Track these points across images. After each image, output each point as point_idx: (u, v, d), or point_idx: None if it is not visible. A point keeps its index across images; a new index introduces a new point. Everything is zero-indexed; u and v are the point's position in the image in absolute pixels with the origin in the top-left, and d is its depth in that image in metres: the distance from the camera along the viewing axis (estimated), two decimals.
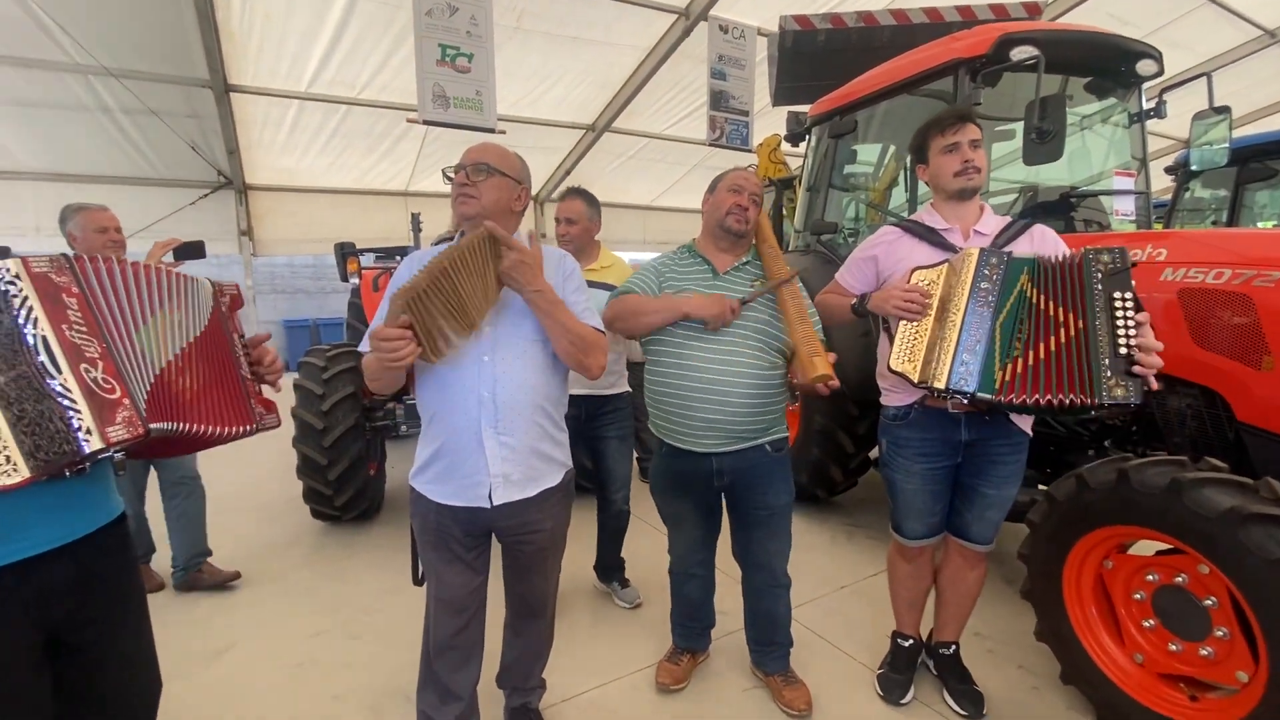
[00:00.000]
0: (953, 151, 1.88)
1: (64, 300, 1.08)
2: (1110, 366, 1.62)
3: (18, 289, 1.03)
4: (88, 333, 1.09)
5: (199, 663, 2.43)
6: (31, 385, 1.02)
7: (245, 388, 1.36)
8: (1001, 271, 1.77)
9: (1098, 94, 2.96)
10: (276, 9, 5.55)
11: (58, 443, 1.03)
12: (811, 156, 3.83)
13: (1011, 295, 1.75)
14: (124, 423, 1.07)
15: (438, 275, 1.44)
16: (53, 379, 1.03)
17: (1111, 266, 1.67)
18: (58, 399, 1.03)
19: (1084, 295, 1.68)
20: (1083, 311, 1.68)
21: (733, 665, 2.38)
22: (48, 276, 1.07)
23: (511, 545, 1.76)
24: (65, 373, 1.04)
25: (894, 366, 1.83)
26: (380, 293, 4.28)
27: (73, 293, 1.09)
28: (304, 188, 8.38)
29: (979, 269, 1.78)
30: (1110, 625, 1.98)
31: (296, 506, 3.69)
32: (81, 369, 1.06)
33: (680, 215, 10.91)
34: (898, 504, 2.10)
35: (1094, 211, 2.86)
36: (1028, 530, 2.10)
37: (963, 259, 1.81)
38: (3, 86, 5.70)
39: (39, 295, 1.05)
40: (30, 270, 1.05)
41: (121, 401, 1.08)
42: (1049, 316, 1.72)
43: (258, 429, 1.35)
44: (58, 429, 1.03)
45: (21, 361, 1.02)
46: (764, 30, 6.67)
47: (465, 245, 1.49)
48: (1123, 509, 1.83)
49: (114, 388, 1.08)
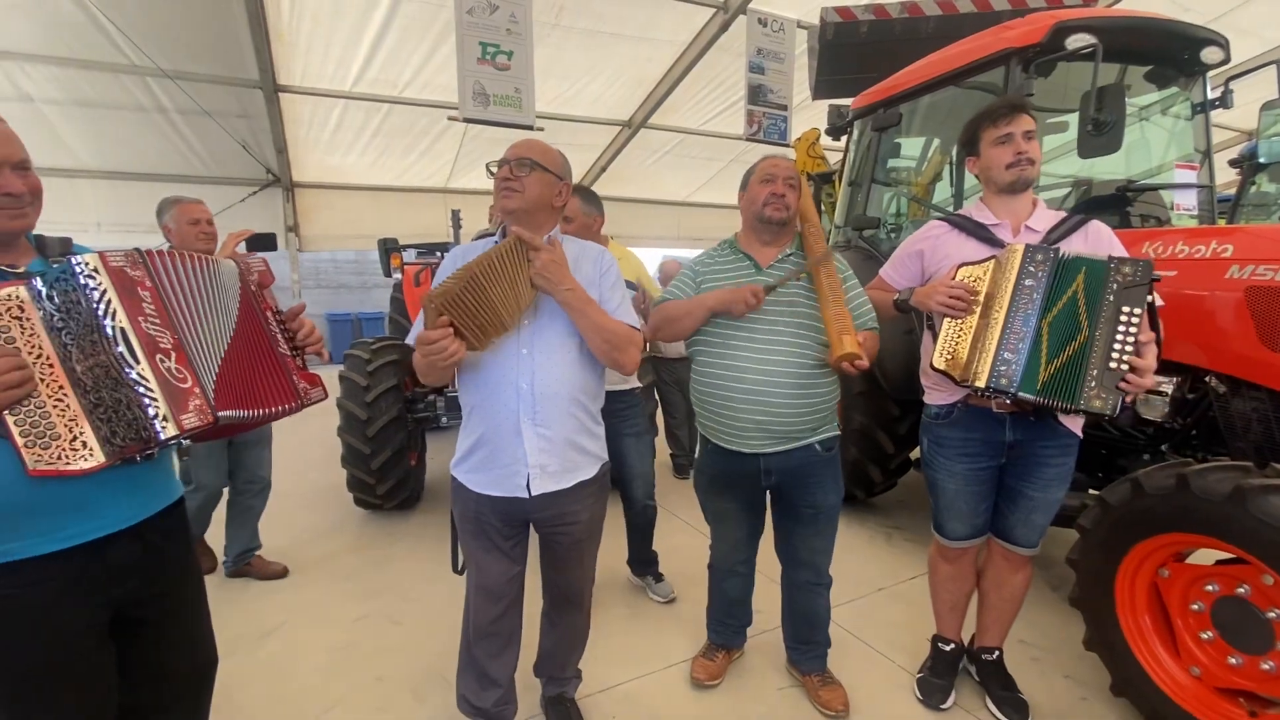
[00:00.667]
0: (1005, 143, 1.82)
1: (139, 293, 1.13)
2: (1096, 377, 1.62)
3: (97, 282, 1.09)
4: (160, 324, 1.14)
5: (249, 642, 2.52)
6: (109, 374, 1.08)
7: (285, 364, 1.35)
8: (1048, 269, 1.71)
9: (1158, 83, 2.84)
10: (324, 10, 5.69)
11: (134, 429, 1.08)
12: (853, 150, 3.76)
13: (1063, 295, 1.70)
14: (195, 411, 1.12)
15: (468, 281, 1.45)
16: (131, 368, 1.09)
17: (1130, 279, 1.63)
18: (135, 388, 1.08)
19: (1098, 303, 1.66)
20: (1093, 320, 1.66)
21: (768, 663, 2.37)
22: (124, 270, 1.12)
23: (548, 536, 1.79)
24: (143, 362, 1.09)
25: (936, 364, 1.80)
26: (422, 288, 4.37)
27: (146, 286, 1.15)
28: (348, 185, 8.59)
29: (1024, 265, 1.73)
30: (1165, 636, 1.91)
31: (342, 495, 3.80)
32: (157, 359, 1.11)
33: (716, 211, 10.85)
34: (939, 504, 2.06)
35: (1153, 206, 2.75)
36: (1077, 535, 2.03)
37: (1009, 255, 1.77)
38: (66, 88, 5.98)
39: (116, 289, 1.10)
40: (108, 264, 1.11)
41: (193, 390, 1.14)
42: (1079, 321, 1.69)
43: (303, 405, 1.35)
44: (135, 416, 1.08)
45: (100, 351, 1.08)
46: (804, 23, 6.57)
47: (495, 253, 1.51)
48: (1182, 516, 1.75)
49: (186, 377, 1.13)
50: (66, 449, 1.05)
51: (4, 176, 1.10)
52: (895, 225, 3.68)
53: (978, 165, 1.93)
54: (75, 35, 5.45)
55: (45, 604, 1.14)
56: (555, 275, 1.56)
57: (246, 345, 1.30)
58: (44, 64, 5.71)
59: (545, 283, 1.56)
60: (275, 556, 3.16)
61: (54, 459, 1.04)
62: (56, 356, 1.06)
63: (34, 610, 1.13)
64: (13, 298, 1.04)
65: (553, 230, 1.72)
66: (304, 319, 1.45)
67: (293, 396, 1.34)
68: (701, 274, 2.04)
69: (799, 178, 2.00)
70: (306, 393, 1.36)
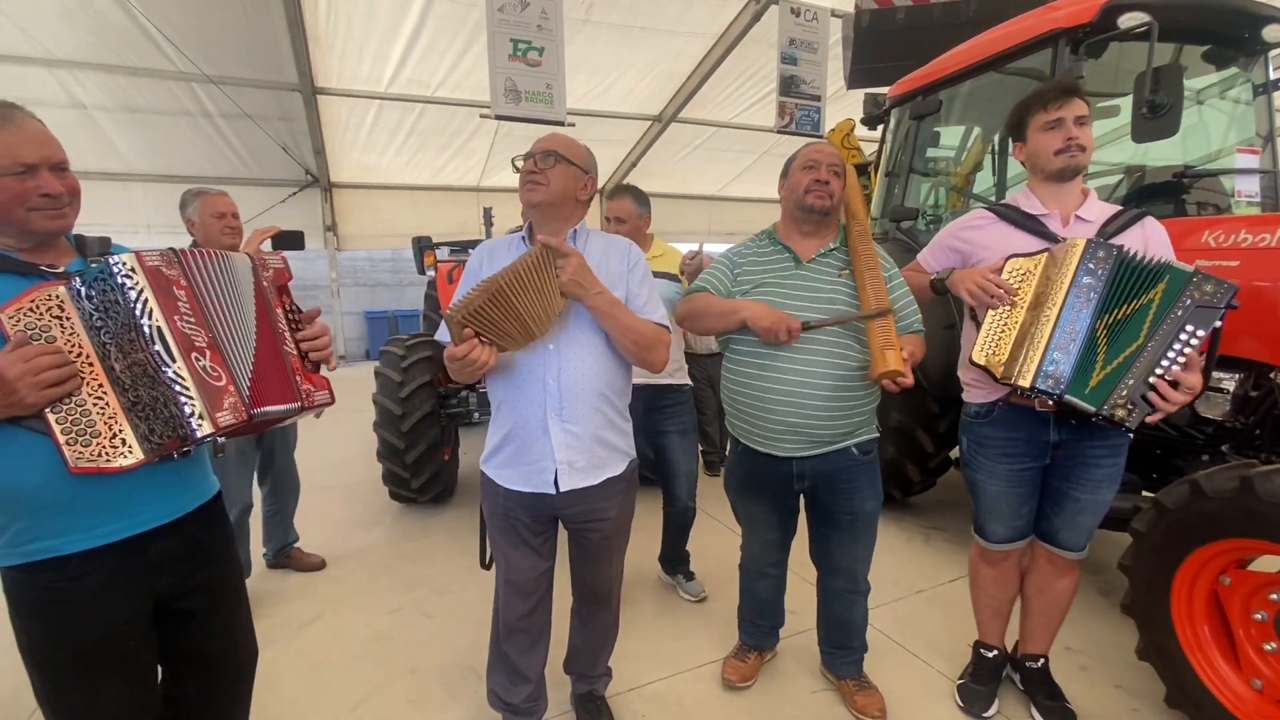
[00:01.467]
0: (1056, 128, 1.73)
1: (174, 292, 1.14)
2: (1130, 386, 1.55)
3: (134, 281, 1.10)
4: (195, 323, 1.15)
5: (287, 632, 2.58)
6: (147, 372, 1.10)
7: (288, 363, 1.29)
8: (1109, 266, 1.62)
9: (1216, 63, 2.69)
10: (359, 12, 5.80)
11: (172, 426, 1.10)
12: (890, 140, 3.66)
13: (1134, 299, 1.60)
14: (230, 409, 1.14)
15: (493, 294, 1.42)
16: (167, 366, 1.10)
17: (1206, 299, 1.53)
18: (172, 385, 1.10)
19: (1165, 315, 1.56)
20: (1154, 329, 1.57)
21: (801, 666, 2.33)
22: (160, 270, 1.14)
23: (577, 533, 1.78)
24: (179, 361, 1.11)
25: (976, 359, 1.73)
26: (454, 285, 4.42)
27: (181, 285, 1.16)
28: (383, 184, 8.76)
29: (1083, 261, 1.64)
30: (1225, 646, 1.81)
31: (378, 488, 3.86)
32: (193, 357, 1.12)
33: (748, 205, 10.73)
34: (980, 505, 1.98)
35: (1212, 194, 2.61)
36: (1130, 539, 1.94)
37: (1066, 249, 1.68)
38: (116, 94, 6.22)
39: (153, 288, 1.12)
40: (144, 264, 1.12)
41: (228, 389, 1.15)
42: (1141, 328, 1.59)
43: (304, 408, 1.28)
44: (172, 414, 1.10)
45: (138, 349, 1.10)
46: (838, 11, 6.44)
47: (523, 263, 1.47)
48: (1245, 521, 1.65)
49: (220, 375, 1.15)
50: (106, 446, 1.08)
51: (41, 177, 1.11)
52: (934, 216, 3.58)
53: (1024, 151, 1.84)
54: (124, 43, 5.66)
55: (90, 597, 1.16)
56: (586, 281, 1.54)
57: (267, 343, 1.28)
58: (95, 71, 5.95)
59: (577, 289, 1.54)
60: (314, 548, 3.23)
61: (94, 456, 1.06)
62: (96, 355, 1.08)
63: (79, 603, 1.16)
64: (53, 297, 1.06)
65: (578, 223, 1.71)
66: (319, 323, 1.39)
67: (293, 396, 1.27)
68: (739, 265, 1.96)
69: (844, 165, 1.89)
70: (310, 395, 1.29)
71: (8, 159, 1.08)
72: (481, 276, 1.61)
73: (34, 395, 1.02)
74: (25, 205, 1.10)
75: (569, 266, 1.52)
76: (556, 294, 1.53)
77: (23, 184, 1.09)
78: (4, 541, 1.13)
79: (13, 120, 1.10)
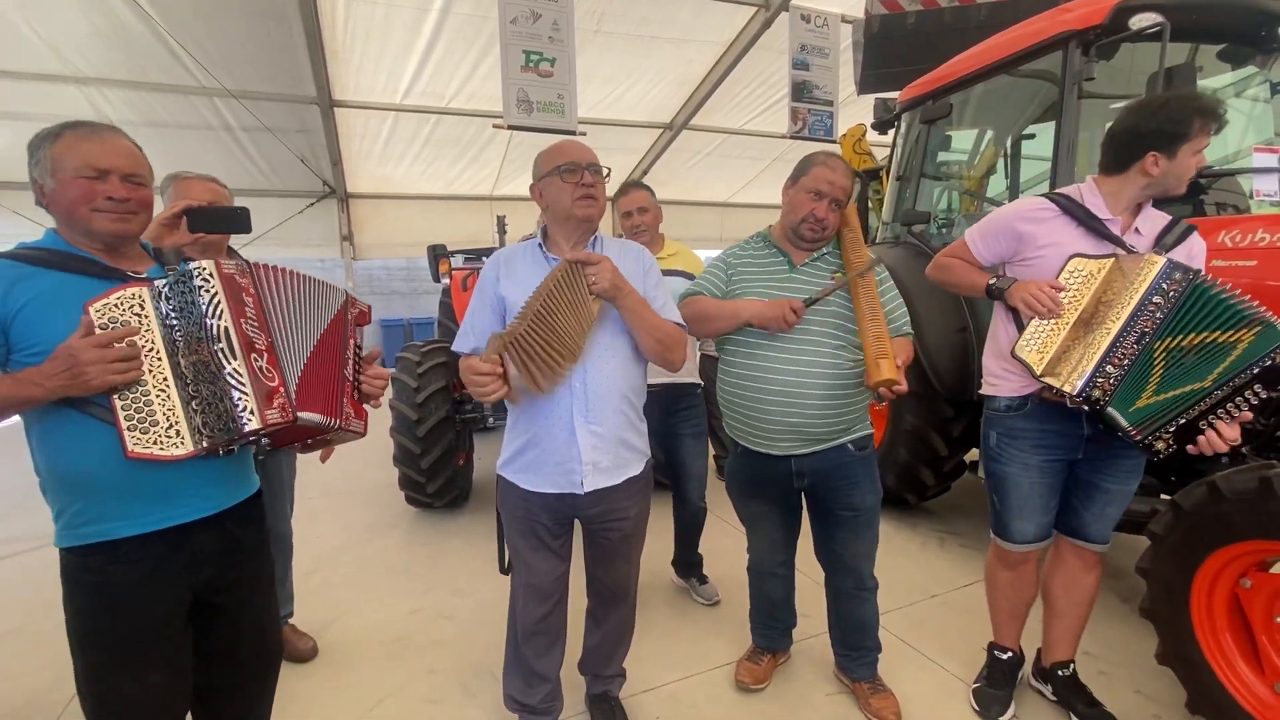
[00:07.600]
0: (1199, 153, 1.66)
1: (244, 299, 1.24)
2: (1180, 425, 1.55)
3: (210, 285, 1.20)
4: (258, 327, 1.24)
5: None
6: (209, 369, 1.18)
7: (342, 386, 1.40)
8: (1181, 290, 1.58)
9: (1232, 62, 2.67)
10: (375, 26, 5.90)
11: (224, 420, 1.18)
12: (901, 144, 3.67)
13: (1210, 332, 1.56)
14: (278, 408, 1.21)
15: (533, 320, 1.46)
16: (228, 364, 1.18)
17: None
18: (229, 381, 1.18)
19: (1241, 367, 1.52)
20: (1224, 378, 1.53)
21: (815, 668, 2.32)
22: (233, 278, 1.24)
23: (597, 532, 1.80)
24: (239, 358, 1.19)
25: (1020, 354, 1.70)
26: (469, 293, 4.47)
27: (250, 293, 1.26)
28: (398, 194, 8.86)
29: (1158, 280, 1.60)
30: (1247, 650, 1.78)
31: (395, 493, 3.91)
32: (251, 358, 1.21)
33: (759, 211, 10.74)
34: (1007, 502, 1.94)
35: (1229, 194, 2.59)
36: (1147, 543, 1.92)
37: (1139, 264, 1.64)
38: (141, 110, 6.37)
39: (226, 293, 1.21)
40: (221, 271, 1.22)
41: (279, 389, 1.23)
42: (1210, 369, 1.55)
43: (339, 428, 1.35)
44: (225, 409, 1.18)
45: (204, 348, 1.18)
46: (848, 17, 6.46)
47: (554, 283, 1.50)
48: (1266, 522, 1.63)
49: (274, 376, 1.23)
50: (163, 436, 1.16)
51: (110, 182, 1.21)
52: (947, 220, 3.57)
53: (1164, 166, 1.68)
54: (150, 60, 5.81)
55: (138, 582, 1.23)
56: (621, 283, 1.58)
57: (320, 360, 1.37)
58: (121, 88, 6.11)
59: (613, 291, 1.56)
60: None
61: (151, 444, 1.15)
62: (165, 351, 1.18)
63: (127, 588, 1.22)
64: (135, 297, 1.17)
65: (595, 230, 1.74)
66: (379, 369, 1.53)
67: (336, 412, 1.35)
68: (734, 266, 1.99)
69: (851, 190, 1.89)
70: (348, 419, 1.38)
71: (82, 162, 1.19)
72: (497, 286, 1.66)
73: (100, 379, 1.10)
74: (90, 205, 1.19)
75: (604, 271, 1.55)
76: (588, 305, 1.57)
77: (91, 186, 1.19)
78: (62, 523, 1.21)
79: (99, 135, 1.22)
